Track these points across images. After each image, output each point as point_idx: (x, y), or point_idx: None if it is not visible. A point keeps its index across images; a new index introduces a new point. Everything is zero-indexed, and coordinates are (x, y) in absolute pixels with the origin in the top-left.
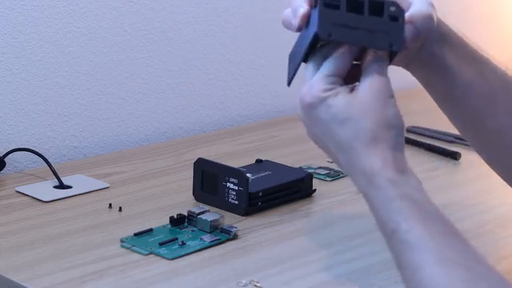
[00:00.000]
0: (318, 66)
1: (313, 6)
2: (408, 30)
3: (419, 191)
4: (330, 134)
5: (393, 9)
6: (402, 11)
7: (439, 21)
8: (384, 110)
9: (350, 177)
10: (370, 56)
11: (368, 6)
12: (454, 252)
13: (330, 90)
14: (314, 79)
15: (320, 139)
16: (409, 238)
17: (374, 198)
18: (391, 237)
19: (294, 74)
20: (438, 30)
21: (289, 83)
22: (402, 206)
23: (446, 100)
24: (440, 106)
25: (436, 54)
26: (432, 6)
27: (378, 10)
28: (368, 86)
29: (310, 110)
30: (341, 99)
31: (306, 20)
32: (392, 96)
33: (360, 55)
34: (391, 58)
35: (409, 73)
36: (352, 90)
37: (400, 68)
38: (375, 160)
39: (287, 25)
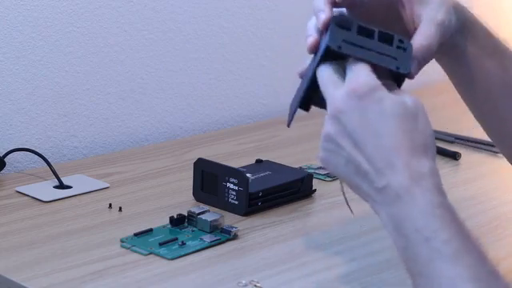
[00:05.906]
0: (343, 69)
1: (324, 32)
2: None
3: (452, 204)
4: (376, 125)
5: (402, 41)
6: (410, 44)
7: (461, 10)
8: (428, 121)
9: (376, 173)
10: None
11: (378, 35)
12: (487, 270)
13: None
14: (360, 73)
15: (351, 133)
16: (446, 248)
17: (414, 200)
18: (420, 244)
19: (305, 94)
20: (458, 20)
21: (300, 105)
22: (445, 214)
23: (467, 90)
24: (461, 96)
25: (457, 44)
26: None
27: (387, 39)
28: (408, 97)
29: (364, 98)
30: (394, 95)
31: (315, 48)
32: None
33: None
34: (399, 84)
35: None
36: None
37: None
38: (424, 164)
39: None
